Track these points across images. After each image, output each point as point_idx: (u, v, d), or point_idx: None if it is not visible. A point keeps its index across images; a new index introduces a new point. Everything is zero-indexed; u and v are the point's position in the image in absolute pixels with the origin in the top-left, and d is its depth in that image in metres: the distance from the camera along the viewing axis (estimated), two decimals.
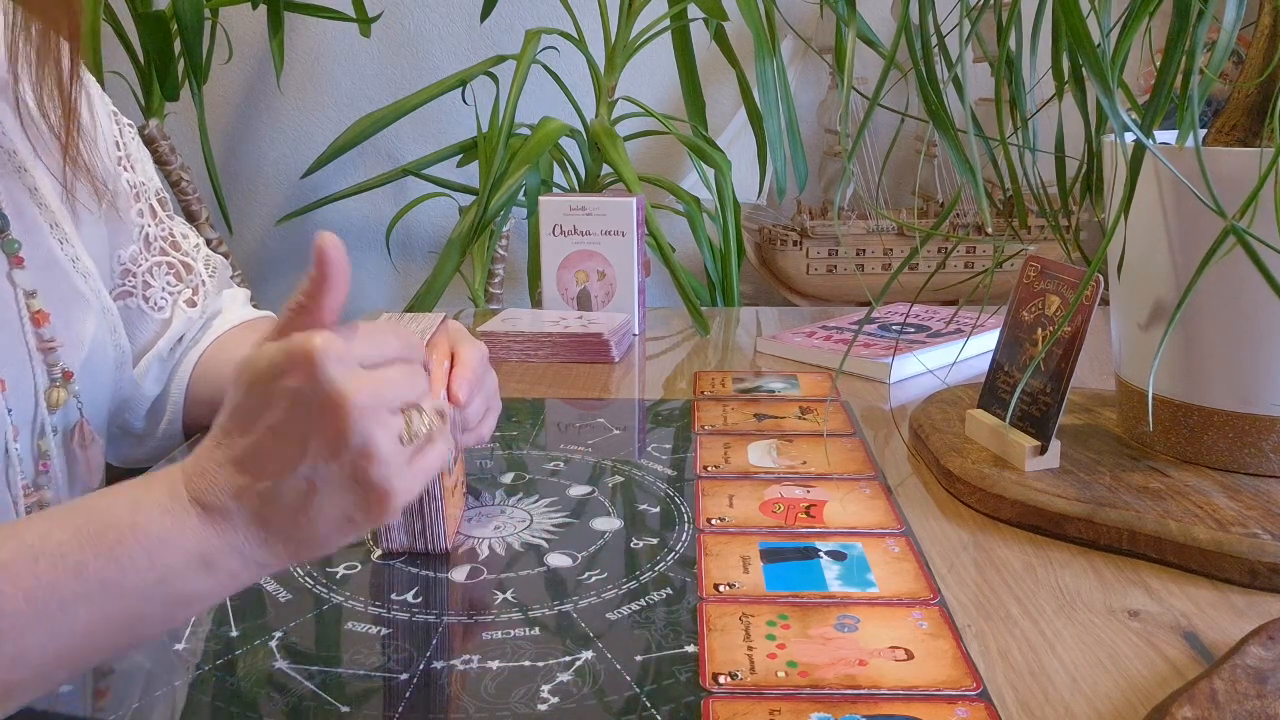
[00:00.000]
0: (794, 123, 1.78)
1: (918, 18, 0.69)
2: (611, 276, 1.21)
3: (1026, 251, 0.83)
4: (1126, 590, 0.63)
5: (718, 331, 1.28)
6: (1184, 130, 0.64)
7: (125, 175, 0.81)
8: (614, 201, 1.21)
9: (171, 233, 0.85)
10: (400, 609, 0.61)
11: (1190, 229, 0.70)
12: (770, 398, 0.98)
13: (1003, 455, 0.76)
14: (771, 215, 2.25)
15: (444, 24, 2.27)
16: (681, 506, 0.74)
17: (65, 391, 0.69)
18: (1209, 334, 0.71)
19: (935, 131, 0.70)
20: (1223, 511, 0.66)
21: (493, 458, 0.84)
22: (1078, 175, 0.81)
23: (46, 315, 0.68)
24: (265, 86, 2.28)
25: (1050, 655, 0.56)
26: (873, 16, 2.10)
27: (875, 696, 0.51)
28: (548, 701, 0.52)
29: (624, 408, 0.97)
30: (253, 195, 2.36)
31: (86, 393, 0.72)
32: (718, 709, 0.51)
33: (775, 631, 0.57)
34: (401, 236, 2.33)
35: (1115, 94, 0.62)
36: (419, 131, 2.28)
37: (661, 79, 2.23)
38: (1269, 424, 0.71)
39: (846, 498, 0.75)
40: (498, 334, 1.13)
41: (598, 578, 0.64)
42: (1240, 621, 0.59)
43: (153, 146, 1.95)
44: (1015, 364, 0.77)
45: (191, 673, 0.55)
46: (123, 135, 0.82)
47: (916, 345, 1.09)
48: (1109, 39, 0.64)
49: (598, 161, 1.89)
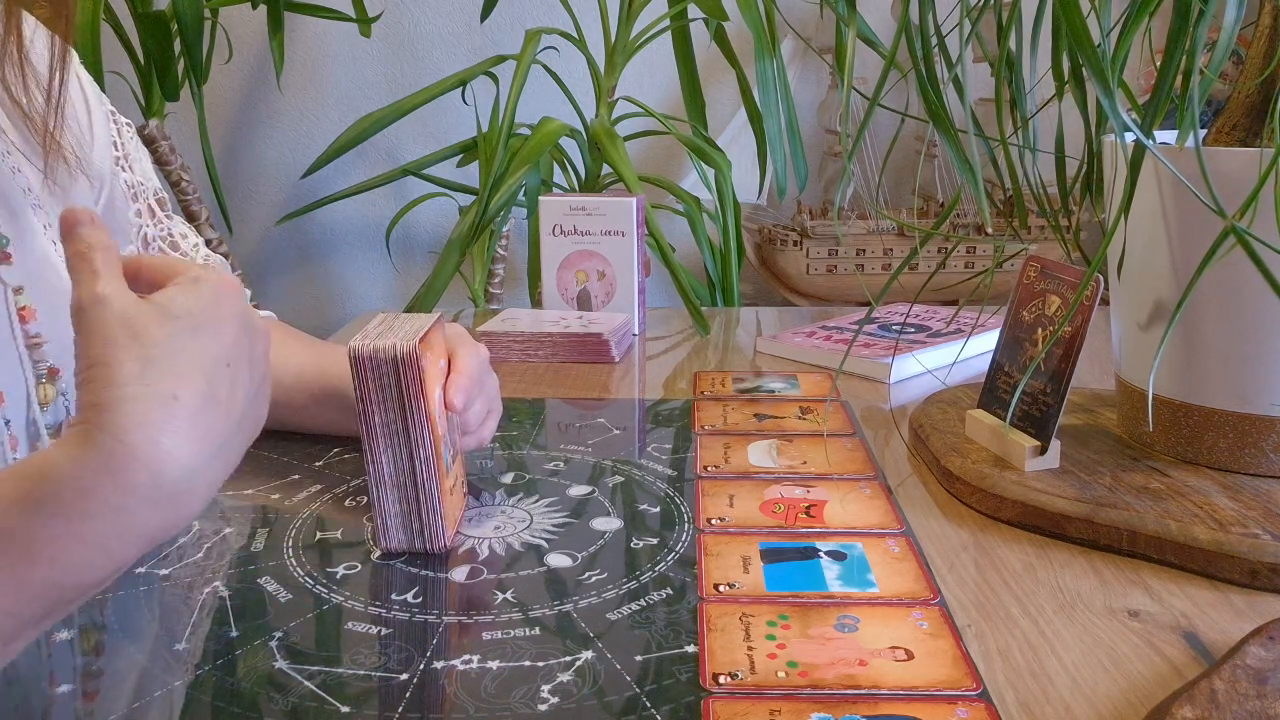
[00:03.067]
0: (794, 123, 1.78)
1: (918, 18, 0.69)
2: (611, 276, 1.21)
3: (1026, 251, 0.83)
4: (1127, 590, 0.63)
5: (718, 331, 1.28)
6: (1184, 130, 0.64)
7: (123, 175, 0.81)
8: (614, 201, 1.21)
9: (170, 233, 0.85)
10: (400, 609, 0.61)
11: (1190, 229, 0.70)
12: (770, 398, 0.98)
13: (1003, 455, 0.76)
14: (771, 215, 2.26)
15: (444, 24, 2.27)
16: (681, 506, 0.74)
17: (53, 388, 0.69)
18: (1209, 334, 0.71)
19: (935, 131, 0.70)
20: (1223, 512, 0.66)
21: (493, 458, 0.84)
22: (1078, 175, 0.81)
23: (33, 311, 0.68)
24: (265, 86, 2.28)
25: (1050, 655, 0.56)
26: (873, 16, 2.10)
27: (875, 696, 0.51)
28: (548, 701, 0.52)
29: (624, 408, 0.97)
30: (253, 195, 2.36)
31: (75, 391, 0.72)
32: (718, 709, 0.51)
33: (775, 631, 0.57)
34: (401, 236, 2.33)
35: (1115, 94, 0.62)
36: (419, 131, 2.28)
37: (661, 79, 2.23)
38: (1269, 424, 0.71)
39: (846, 498, 0.75)
40: (498, 334, 1.13)
41: (598, 578, 0.64)
42: (1240, 621, 0.59)
43: (153, 146, 1.95)
44: (1015, 364, 0.77)
45: (191, 673, 0.55)
46: (120, 135, 0.82)
47: (916, 345, 1.09)
48: (1109, 39, 0.64)
49: (598, 161, 1.89)
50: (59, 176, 0.73)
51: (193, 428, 0.46)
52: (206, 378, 0.48)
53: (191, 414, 0.46)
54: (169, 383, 0.46)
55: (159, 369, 0.46)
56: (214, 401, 0.48)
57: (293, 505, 0.75)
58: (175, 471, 0.45)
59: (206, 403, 0.47)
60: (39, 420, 0.68)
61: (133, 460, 0.44)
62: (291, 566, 0.66)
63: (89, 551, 0.44)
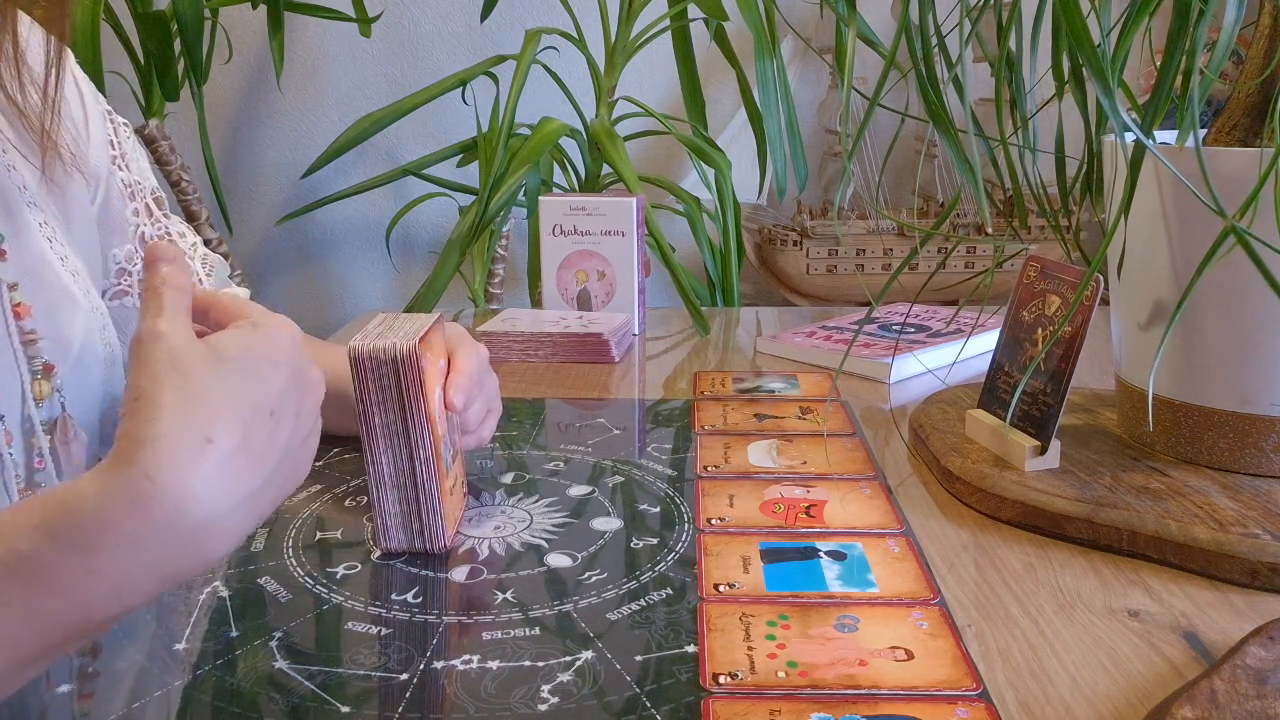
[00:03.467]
0: (794, 123, 1.78)
1: (918, 18, 0.69)
2: (611, 276, 1.21)
3: (1026, 251, 0.83)
4: (1127, 590, 0.63)
5: (718, 331, 1.28)
6: (1184, 130, 0.64)
7: (120, 174, 0.81)
8: (614, 201, 1.21)
9: (168, 231, 0.85)
10: (400, 609, 0.61)
11: (1190, 229, 0.70)
12: (770, 398, 0.98)
13: (1003, 455, 0.76)
14: (771, 215, 2.25)
15: (444, 24, 2.27)
16: (681, 506, 0.74)
17: (48, 384, 0.69)
18: (1209, 334, 0.71)
19: (935, 131, 0.70)
20: (1223, 512, 0.66)
21: (493, 458, 0.84)
22: (1078, 175, 0.81)
23: (28, 308, 0.68)
24: (265, 86, 2.28)
25: (1050, 655, 0.56)
26: (873, 16, 2.10)
27: (875, 696, 0.51)
28: (548, 701, 0.52)
29: (624, 408, 0.97)
30: (253, 195, 2.36)
31: (72, 389, 0.72)
32: (718, 709, 0.51)
33: (775, 631, 0.57)
34: (401, 236, 2.33)
35: (1115, 94, 0.62)
36: (419, 131, 2.28)
37: (661, 79, 2.23)
38: (1269, 424, 0.71)
39: (846, 498, 0.75)
40: (498, 334, 1.13)
41: (598, 578, 0.64)
42: (1240, 621, 0.59)
43: (153, 146, 1.95)
44: (1015, 364, 0.77)
45: (191, 673, 0.55)
46: (117, 135, 0.82)
47: (916, 345, 1.09)
48: (1109, 39, 0.64)
49: (598, 161, 1.89)
50: (55, 174, 0.73)
51: (220, 473, 0.46)
52: (245, 424, 0.47)
53: (222, 459, 0.46)
54: (205, 425, 0.46)
55: (198, 410, 0.46)
56: (249, 449, 0.47)
57: (293, 505, 0.75)
58: (196, 514, 0.45)
59: (240, 449, 0.47)
60: (34, 416, 0.68)
61: (155, 498, 0.44)
62: (291, 566, 0.66)
63: (103, 586, 0.44)
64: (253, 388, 0.49)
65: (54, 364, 0.69)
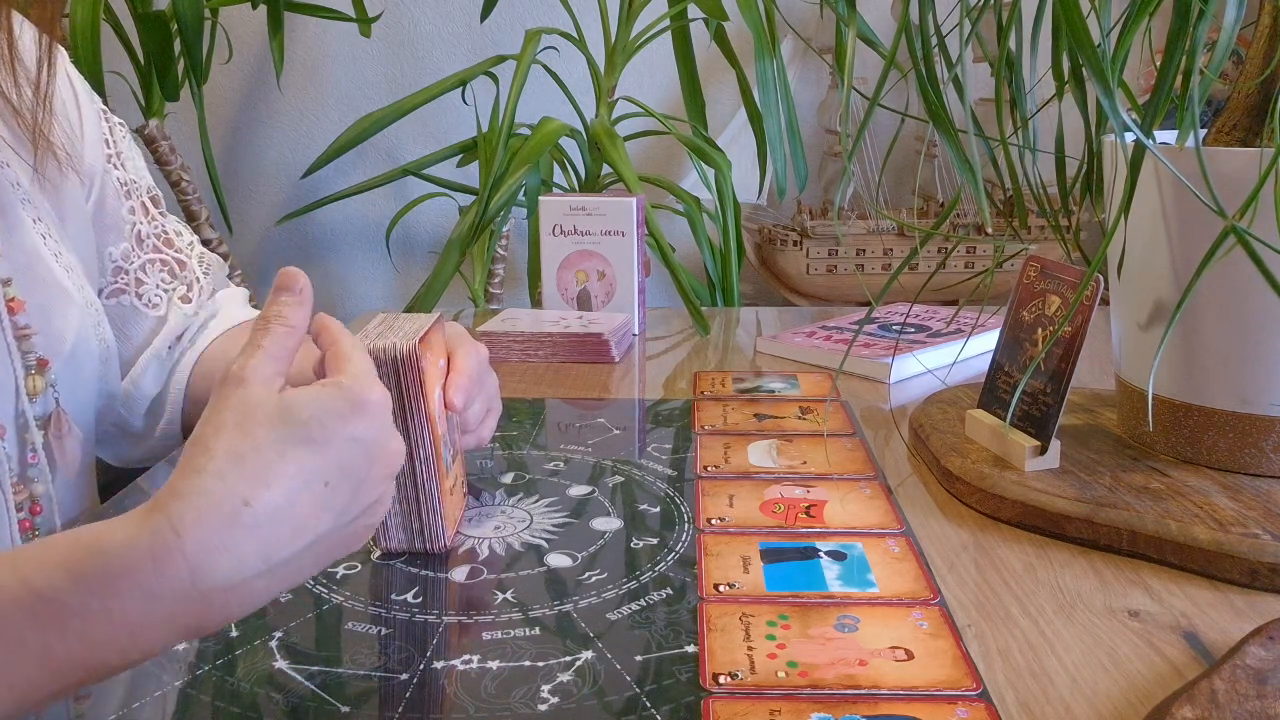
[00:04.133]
0: (794, 123, 1.78)
1: (918, 18, 0.69)
2: (611, 276, 1.21)
3: (1026, 251, 0.83)
4: (1126, 590, 0.63)
5: (718, 331, 1.28)
6: (1184, 130, 0.64)
7: (115, 173, 0.81)
8: (614, 201, 1.21)
9: (164, 230, 0.85)
10: (400, 609, 0.61)
11: (1190, 229, 0.70)
12: (770, 398, 0.98)
13: (1003, 455, 0.76)
14: (771, 215, 2.25)
15: (444, 24, 2.27)
16: (681, 506, 0.74)
17: (42, 380, 0.69)
18: (1209, 334, 0.71)
19: (935, 131, 0.70)
20: (1223, 512, 0.66)
21: (493, 458, 0.84)
22: (1078, 175, 0.81)
23: (21, 303, 0.68)
24: (265, 86, 2.28)
25: (1050, 655, 0.56)
26: (873, 16, 2.10)
27: (875, 696, 0.51)
28: (548, 701, 0.52)
29: (624, 408, 0.97)
30: (253, 195, 2.36)
31: (66, 384, 0.72)
32: (718, 709, 0.51)
33: (775, 631, 0.57)
34: (401, 236, 2.33)
35: (1115, 94, 0.62)
36: (419, 131, 2.28)
37: (661, 79, 2.23)
38: (1269, 424, 0.71)
39: (846, 498, 0.75)
40: (498, 334, 1.13)
41: (598, 578, 0.64)
42: (1240, 621, 0.59)
43: (153, 146, 1.95)
44: (1015, 364, 0.77)
45: (190, 672, 0.55)
46: (112, 134, 0.82)
47: (916, 345, 1.09)
48: (1109, 39, 0.64)
49: (598, 161, 1.89)
50: (49, 173, 0.73)
51: (249, 538, 0.45)
52: (290, 490, 0.46)
53: (255, 524, 0.45)
54: (247, 486, 0.45)
55: (245, 469, 0.45)
56: (288, 517, 0.46)
57: None
58: (215, 575, 0.44)
59: (281, 515, 0.46)
60: (27, 411, 0.69)
61: (177, 551, 0.43)
62: None
63: (115, 631, 0.43)
64: (311, 455, 0.47)
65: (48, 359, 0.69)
